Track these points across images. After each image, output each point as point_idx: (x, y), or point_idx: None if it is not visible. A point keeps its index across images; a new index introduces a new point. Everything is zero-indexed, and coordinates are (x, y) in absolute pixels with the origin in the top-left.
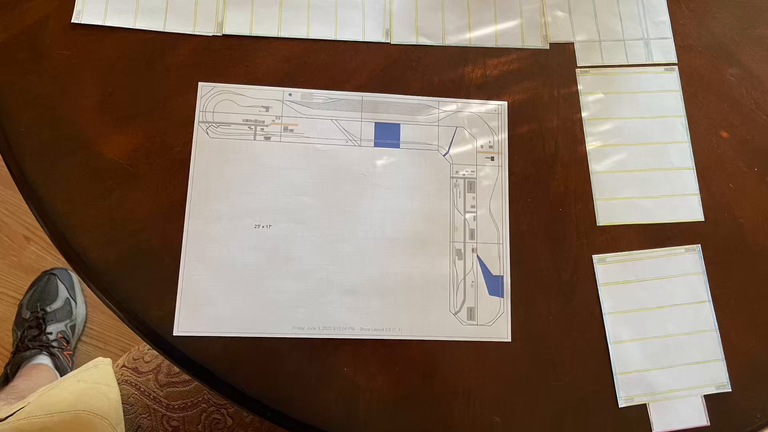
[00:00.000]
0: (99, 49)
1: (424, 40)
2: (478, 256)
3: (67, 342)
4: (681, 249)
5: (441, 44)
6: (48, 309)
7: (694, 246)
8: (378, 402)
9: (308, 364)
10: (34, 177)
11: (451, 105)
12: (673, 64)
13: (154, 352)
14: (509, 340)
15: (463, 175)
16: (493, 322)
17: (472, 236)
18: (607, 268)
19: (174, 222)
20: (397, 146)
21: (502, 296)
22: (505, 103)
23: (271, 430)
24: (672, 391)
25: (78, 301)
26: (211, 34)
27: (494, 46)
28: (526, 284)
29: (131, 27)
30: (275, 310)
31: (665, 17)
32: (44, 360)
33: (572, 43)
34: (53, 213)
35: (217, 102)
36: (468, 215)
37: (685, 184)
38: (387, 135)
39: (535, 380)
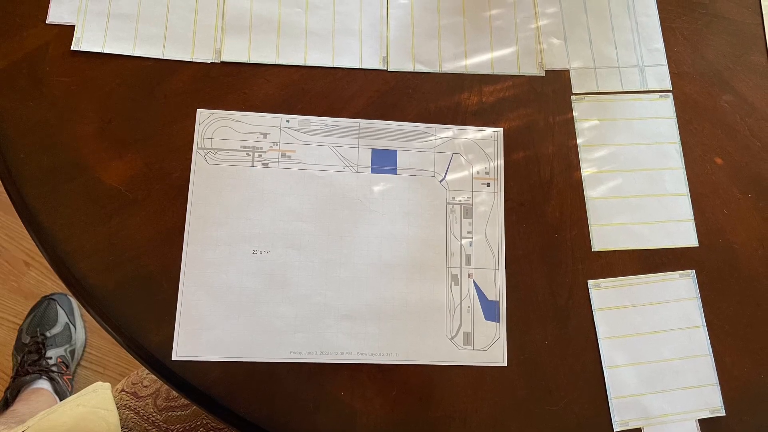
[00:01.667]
0: (98, 76)
1: (420, 67)
2: (474, 281)
3: (67, 367)
4: (675, 274)
5: (437, 71)
6: (48, 334)
7: (689, 271)
8: (375, 426)
9: (306, 388)
10: (34, 203)
11: (447, 131)
12: (668, 91)
13: (153, 376)
14: (505, 364)
15: (460, 201)
16: (489, 346)
17: (468, 262)
18: (602, 293)
19: (172, 247)
20: (394, 172)
21: (498, 321)
22: (500, 130)
23: None
24: (666, 415)
25: (77, 326)
26: (209, 61)
27: (490, 73)
28: (522, 309)
29: (130, 54)
30: (273, 335)
31: (660, 44)
32: (44, 384)
33: (567, 70)
34: (53, 238)
35: (216, 128)
36: (464, 241)
37: (680, 209)
38: (384, 161)
39: (531, 404)
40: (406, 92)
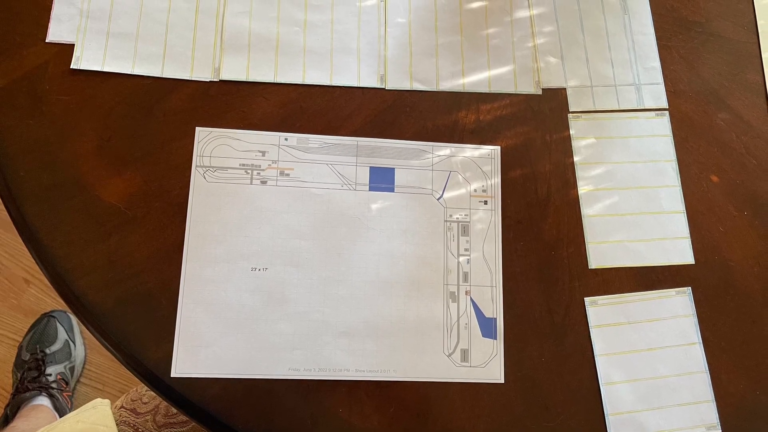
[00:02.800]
0: (97, 94)
1: (418, 86)
2: (471, 298)
3: (66, 383)
4: (672, 291)
5: (435, 89)
6: (47, 351)
7: (685, 288)
8: None
9: (304, 405)
10: (34, 220)
11: (444, 149)
12: (664, 109)
13: (152, 393)
14: (502, 381)
15: (457, 218)
16: (486, 363)
17: (465, 279)
18: (599, 310)
19: (171, 265)
20: (392, 190)
21: (496, 338)
22: (498, 148)
23: None
24: None
25: (77, 343)
26: (208, 80)
27: (487, 92)
28: (519, 326)
29: (129, 73)
30: (271, 352)
31: (656, 63)
32: (44, 401)
33: (564, 89)
34: (52, 256)
35: (214, 146)
36: (461, 258)
37: (676, 227)
38: (382, 179)
39: (528, 421)
40: (403, 110)
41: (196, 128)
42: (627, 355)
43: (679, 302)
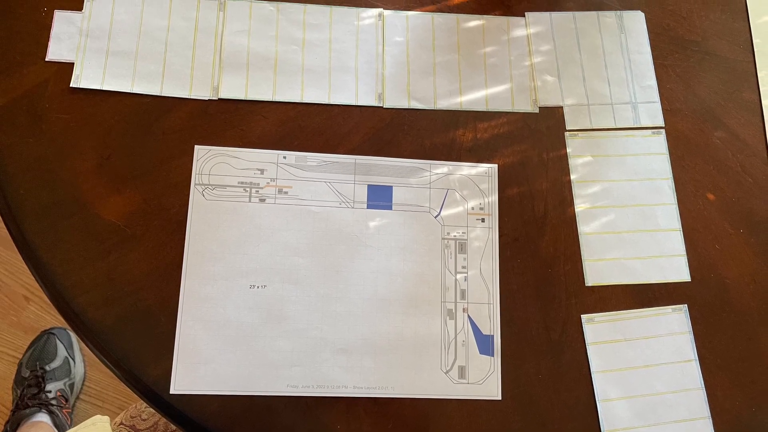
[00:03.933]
0: (97, 112)
1: (416, 104)
2: (468, 315)
3: (66, 400)
4: (668, 309)
5: (432, 108)
6: (47, 368)
7: (681, 306)
8: None
9: (302, 422)
10: (33, 238)
11: (442, 168)
12: (660, 128)
13: (152, 409)
14: (499, 398)
15: (455, 236)
16: (483, 380)
17: (463, 296)
18: (596, 327)
19: (171, 282)
20: (390, 208)
21: (493, 355)
22: (495, 166)
23: None
24: None
25: (77, 360)
26: (207, 98)
27: (485, 110)
28: (516, 343)
29: (129, 91)
30: (270, 369)
31: (653, 81)
32: (43, 418)
33: (561, 107)
34: (52, 273)
35: (213, 165)
36: (459, 276)
37: (672, 245)
38: (379, 197)
39: None
40: (401, 129)
41: (195, 146)
42: (623, 372)
43: (676, 319)
